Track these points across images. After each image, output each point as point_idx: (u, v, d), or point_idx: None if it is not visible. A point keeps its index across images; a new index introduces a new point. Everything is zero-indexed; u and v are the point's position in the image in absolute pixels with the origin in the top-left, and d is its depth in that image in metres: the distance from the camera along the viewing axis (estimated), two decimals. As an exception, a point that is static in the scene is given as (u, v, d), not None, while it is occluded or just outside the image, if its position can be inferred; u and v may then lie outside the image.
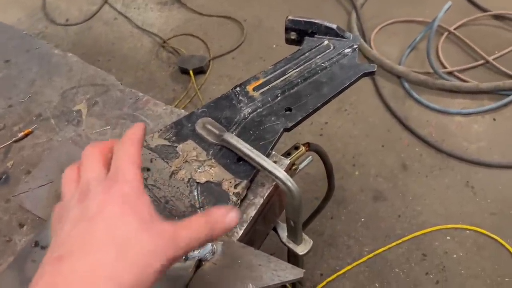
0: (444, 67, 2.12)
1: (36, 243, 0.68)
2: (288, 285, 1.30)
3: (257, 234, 0.78)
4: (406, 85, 2.05)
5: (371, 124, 1.95)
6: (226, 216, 0.46)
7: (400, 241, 1.60)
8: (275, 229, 0.89)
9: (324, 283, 1.52)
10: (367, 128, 1.94)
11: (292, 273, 0.64)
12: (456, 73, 2.09)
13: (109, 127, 0.84)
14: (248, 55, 2.25)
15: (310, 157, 0.89)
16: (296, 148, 0.85)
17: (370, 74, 0.85)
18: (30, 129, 0.84)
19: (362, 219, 1.67)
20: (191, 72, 2.10)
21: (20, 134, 0.83)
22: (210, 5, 2.51)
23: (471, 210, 1.66)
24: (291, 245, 0.85)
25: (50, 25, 2.48)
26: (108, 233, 0.40)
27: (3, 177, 0.79)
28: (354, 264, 1.55)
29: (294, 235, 0.83)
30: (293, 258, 0.90)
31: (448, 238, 1.59)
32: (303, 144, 0.87)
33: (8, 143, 0.83)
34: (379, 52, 2.19)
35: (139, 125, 0.52)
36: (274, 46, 2.29)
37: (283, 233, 0.87)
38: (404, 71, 2.06)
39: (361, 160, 1.83)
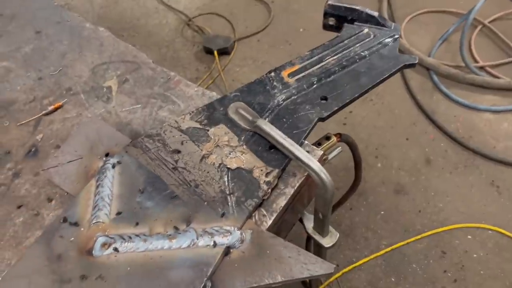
0: (476, 62, 2.05)
1: (65, 219, 0.68)
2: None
3: (284, 224, 0.76)
4: (435, 78, 1.99)
5: (397, 116, 1.91)
6: None
7: (419, 236, 1.57)
8: (301, 220, 0.87)
9: (339, 273, 1.51)
10: (392, 120, 1.90)
11: (322, 267, 0.63)
12: (488, 68, 2.02)
13: (140, 105, 0.83)
14: (274, 38, 2.21)
15: (340, 147, 0.87)
16: (328, 138, 0.83)
17: (411, 66, 0.81)
18: (60, 103, 0.83)
19: (382, 212, 1.64)
20: (215, 53, 2.07)
21: (50, 108, 0.83)
22: (238, -16, 2.46)
23: (494, 210, 1.62)
24: (317, 237, 0.84)
25: (76, -3, 2.46)
26: None
27: (32, 150, 0.78)
28: (371, 256, 1.54)
29: (321, 227, 0.82)
30: (316, 250, 0.88)
31: (469, 237, 1.56)
32: (335, 135, 0.84)
33: (38, 116, 0.82)
34: (409, 43, 2.13)
35: None
36: (301, 30, 2.24)
37: (309, 224, 0.85)
38: (434, 64, 2.00)
39: (384, 152, 1.80)
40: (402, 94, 1.98)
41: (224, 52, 2.12)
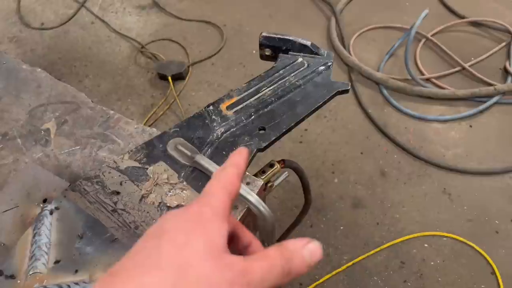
0: (422, 74, 2.14)
1: (0, 272, 0.66)
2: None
3: (230, 256, 0.77)
4: (385, 91, 2.06)
5: (351, 131, 1.96)
6: (303, 248, 0.40)
7: (378, 249, 1.61)
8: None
9: (303, 292, 1.52)
10: (347, 135, 1.95)
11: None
12: (434, 80, 2.11)
13: (79, 147, 0.82)
14: (228, 60, 2.24)
15: (286, 172, 0.88)
16: (271, 165, 0.84)
17: (344, 92, 0.84)
18: (-5, 150, 0.81)
19: (341, 227, 1.67)
20: (169, 79, 2.07)
21: (-15, 155, 0.80)
22: (190, 9, 2.48)
23: (448, 217, 1.68)
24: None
25: (25, 29, 2.41)
26: (172, 254, 0.36)
27: (-34, 200, 0.76)
28: (333, 272, 1.56)
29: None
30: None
31: (425, 245, 1.61)
32: (278, 162, 0.86)
33: (-29, 165, 0.80)
34: (358, 58, 2.20)
35: (242, 151, 0.47)
36: (254, 51, 2.27)
37: (258, 253, 0.86)
38: (382, 78, 2.07)
39: (341, 167, 1.84)
40: (354, 109, 2.04)
41: (178, 77, 2.12)
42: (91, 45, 2.33)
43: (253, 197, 0.68)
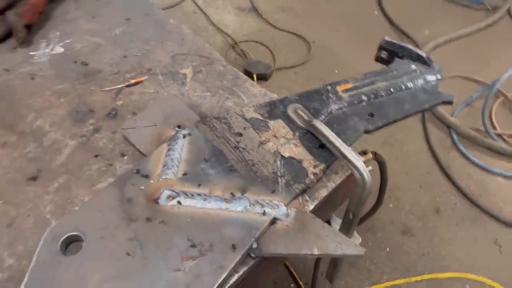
0: (494, 128, 2.18)
1: (137, 170, 0.78)
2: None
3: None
4: (455, 136, 2.11)
5: (413, 164, 2.02)
6: None
7: (420, 278, 1.64)
8: (328, 222, 0.97)
9: (339, 298, 1.57)
10: (409, 166, 2.01)
11: (354, 249, 0.72)
12: (505, 137, 2.14)
13: (209, 93, 0.95)
14: (310, 73, 2.37)
15: (371, 167, 0.98)
16: (365, 153, 0.94)
17: (448, 103, 0.94)
18: (141, 79, 0.96)
19: (387, 249, 1.72)
20: (254, 76, 2.22)
21: (132, 81, 0.95)
22: (284, 20, 2.64)
23: (494, 267, 1.69)
24: (342, 237, 0.93)
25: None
26: None
27: (112, 112, 0.90)
28: (372, 287, 1.60)
29: (347, 229, 0.91)
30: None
31: (467, 286, 1.63)
32: (371, 152, 0.95)
33: (120, 86, 0.95)
34: (434, 100, 2.26)
35: None
36: (336, 71, 2.39)
37: (336, 226, 0.95)
38: (455, 123, 2.13)
39: (397, 194, 1.89)
40: (421, 145, 2.10)
41: (262, 77, 2.27)
42: (188, 31, 2.53)
43: (360, 164, 0.78)
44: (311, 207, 0.78)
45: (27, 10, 0.99)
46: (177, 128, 0.85)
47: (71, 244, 0.70)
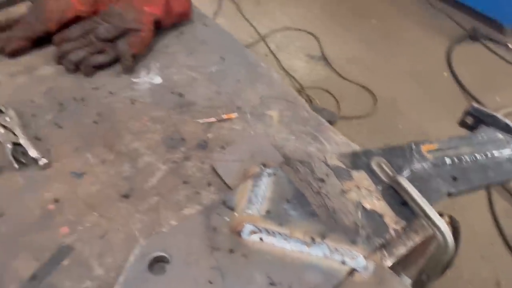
0: None
1: (224, 202, 0.82)
2: None
3: (391, 273, 0.86)
4: (522, 209, 2.02)
5: (475, 233, 1.94)
6: None
7: None
8: (396, 279, 0.96)
9: None
10: (470, 235, 1.93)
11: (432, 312, 0.71)
12: None
13: (293, 137, 0.99)
14: (373, 127, 2.38)
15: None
16: (440, 215, 0.93)
17: (535, 177, 0.92)
18: (232, 115, 1.01)
19: (442, 318, 1.64)
20: (318, 122, 2.26)
21: (224, 116, 1.01)
22: (353, 72, 2.70)
23: None
24: (411, 299, 0.91)
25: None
26: None
27: (203, 143, 0.96)
28: None
29: (417, 290, 0.90)
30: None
31: None
32: (447, 215, 0.94)
33: (212, 119, 1.01)
34: (501, 169, 2.19)
35: None
36: (400, 127, 2.39)
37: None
38: (523, 195, 2.04)
39: (456, 261, 1.81)
40: (484, 213, 2.03)
41: (326, 124, 2.30)
42: (258, 72, 2.64)
43: (444, 226, 0.78)
44: (389, 263, 0.78)
45: (138, 42, 1.09)
46: (262, 166, 0.89)
47: (156, 263, 0.74)
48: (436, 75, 2.77)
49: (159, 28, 1.18)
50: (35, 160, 0.87)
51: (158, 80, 1.09)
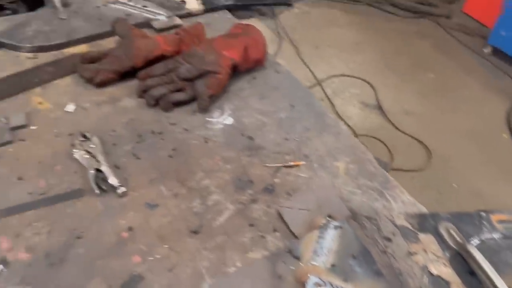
0: None
1: (290, 250, 0.84)
2: None
3: None
4: None
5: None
6: None
7: None
8: None
9: None
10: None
11: None
12: None
13: (360, 191, 1.00)
14: (427, 181, 2.33)
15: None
16: (508, 289, 0.90)
17: None
18: (300, 162, 1.04)
19: None
20: (370, 172, 2.24)
21: (291, 163, 1.04)
22: (407, 124, 2.68)
23: None
24: None
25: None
26: None
27: (270, 187, 0.99)
28: None
29: None
30: None
31: None
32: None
33: (279, 165, 1.03)
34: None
35: None
36: (454, 185, 2.33)
37: None
38: None
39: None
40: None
41: (377, 174, 2.28)
42: (312, 115, 2.67)
43: None
44: (454, 335, 0.76)
45: (215, 84, 1.15)
46: (328, 218, 0.90)
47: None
48: (495, 135, 2.70)
49: (235, 71, 1.24)
50: (114, 188, 0.93)
51: (230, 121, 1.14)
